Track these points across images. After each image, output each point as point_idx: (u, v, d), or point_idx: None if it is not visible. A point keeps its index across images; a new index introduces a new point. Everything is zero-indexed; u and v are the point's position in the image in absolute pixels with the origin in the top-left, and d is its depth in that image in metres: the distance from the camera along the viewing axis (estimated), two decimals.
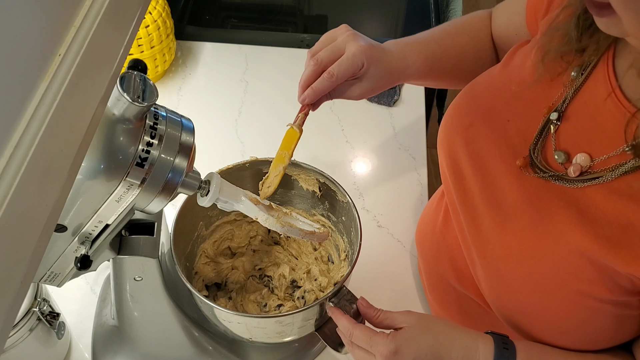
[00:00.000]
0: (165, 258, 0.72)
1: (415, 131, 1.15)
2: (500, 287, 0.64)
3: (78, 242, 0.59)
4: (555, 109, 0.59)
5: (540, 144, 0.60)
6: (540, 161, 0.59)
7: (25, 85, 0.32)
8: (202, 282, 0.83)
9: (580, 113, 0.58)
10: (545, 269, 0.58)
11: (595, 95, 0.57)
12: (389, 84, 0.74)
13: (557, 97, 0.60)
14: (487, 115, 0.67)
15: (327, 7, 1.57)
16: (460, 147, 0.68)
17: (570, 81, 0.59)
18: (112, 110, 0.51)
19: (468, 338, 0.60)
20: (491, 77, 0.70)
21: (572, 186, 0.57)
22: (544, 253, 0.58)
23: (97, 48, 0.38)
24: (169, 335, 0.77)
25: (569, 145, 0.58)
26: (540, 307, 0.61)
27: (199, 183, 0.60)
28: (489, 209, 0.64)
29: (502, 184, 0.63)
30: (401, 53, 0.74)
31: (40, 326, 0.71)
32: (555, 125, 0.59)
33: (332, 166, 1.05)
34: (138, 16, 0.45)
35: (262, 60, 1.29)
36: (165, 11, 1.16)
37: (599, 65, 0.57)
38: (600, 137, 0.55)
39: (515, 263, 0.61)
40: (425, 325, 0.61)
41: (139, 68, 0.54)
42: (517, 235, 0.61)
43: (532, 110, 0.62)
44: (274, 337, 0.72)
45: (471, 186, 0.67)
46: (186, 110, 0.65)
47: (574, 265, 0.55)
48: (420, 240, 0.90)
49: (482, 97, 0.69)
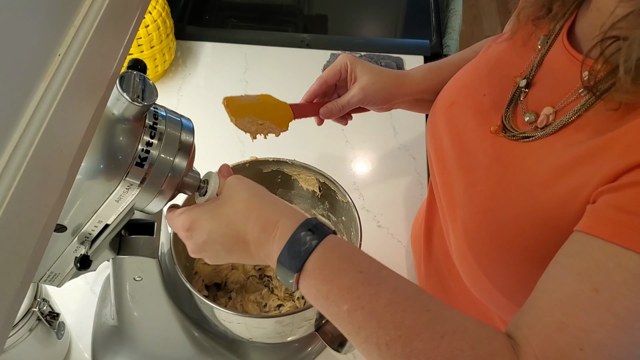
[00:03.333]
0: (165, 258, 0.72)
1: (415, 131, 1.15)
2: (466, 247, 0.65)
3: (78, 242, 0.59)
4: (524, 77, 0.64)
5: (511, 110, 0.64)
6: (511, 125, 0.63)
7: (24, 86, 0.32)
8: (202, 282, 0.83)
9: (544, 77, 0.63)
10: (507, 218, 0.59)
11: (556, 59, 0.62)
12: (387, 84, 0.77)
13: (527, 66, 0.65)
14: (466, 93, 0.71)
15: (327, 7, 1.57)
16: (443, 126, 0.72)
17: (537, 50, 0.64)
18: (111, 110, 0.51)
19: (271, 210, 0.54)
20: (473, 62, 0.75)
21: (537, 139, 0.59)
22: (507, 202, 0.59)
23: (97, 48, 0.38)
24: (168, 335, 0.77)
25: (536, 106, 0.62)
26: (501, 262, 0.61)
27: (199, 183, 0.60)
28: (461, 174, 0.67)
29: (475, 149, 0.66)
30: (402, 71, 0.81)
31: (40, 326, 0.71)
32: (524, 92, 0.64)
33: (332, 166, 1.05)
34: (138, 16, 0.45)
35: (262, 60, 1.29)
36: (165, 11, 1.16)
37: (561, 33, 0.62)
38: (561, 92, 0.59)
39: (480, 217, 0.63)
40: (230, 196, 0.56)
41: (139, 68, 0.54)
42: (484, 192, 0.63)
43: (505, 82, 0.66)
44: (274, 337, 0.72)
45: (449, 158, 0.70)
46: (186, 110, 0.65)
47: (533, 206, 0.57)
48: (413, 241, 0.91)
49: (463, 78, 0.74)
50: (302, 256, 0.50)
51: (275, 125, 0.70)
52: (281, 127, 0.71)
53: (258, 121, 0.69)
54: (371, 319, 0.47)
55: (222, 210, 0.55)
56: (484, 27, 2.84)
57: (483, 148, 0.65)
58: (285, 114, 0.72)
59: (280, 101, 0.73)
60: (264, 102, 0.71)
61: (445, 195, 0.71)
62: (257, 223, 0.53)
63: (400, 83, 0.78)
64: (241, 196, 0.55)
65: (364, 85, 0.75)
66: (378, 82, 0.76)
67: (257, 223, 0.53)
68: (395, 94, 0.78)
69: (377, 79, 0.76)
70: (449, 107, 0.72)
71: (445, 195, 0.71)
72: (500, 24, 2.85)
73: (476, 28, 2.83)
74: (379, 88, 0.76)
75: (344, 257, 0.50)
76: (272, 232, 0.52)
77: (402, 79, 0.78)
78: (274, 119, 0.70)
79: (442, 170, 0.72)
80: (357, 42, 1.37)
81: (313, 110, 0.76)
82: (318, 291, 0.50)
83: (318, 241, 0.50)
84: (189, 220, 0.56)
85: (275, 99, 0.73)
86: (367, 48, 1.31)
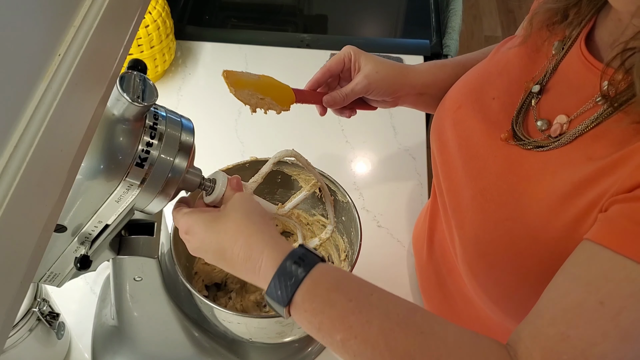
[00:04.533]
0: (165, 258, 0.72)
1: (415, 131, 1.15)
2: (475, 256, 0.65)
3: (78, 242, 0.59)
4: (537, 83, 0.62)
5: (522, 116, 0.63)
6: (522, 132, 0.62)
7: (25, 85, 0.32)
8: (202, 282, 0.83)
9: (559, 84, 0.61)
10: (520, 229, 0.58)
11: (571, 66, 0.60)
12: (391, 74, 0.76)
13: (539, 71, 0.63)
14: (474, 96, 0.69)
15: (327, 7, 1.57)
16: (449, 129, 0.71)
17: (552, 56, 0.62)
18: (111, 110, 0.51)
19: (258, 239, 0.54)
20: (482, 64, 0.73)
21: (552, 149, 0.58)
22: (521, 213, 0.59)
23: (97, 48, 0.38)
24: (168, 335, 0.77)
25: (550, 113, 0.60)
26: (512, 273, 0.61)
27: (200, 180, 0.60)
28: (469, 180, 0.66)
29: (484, 156, 0.65)
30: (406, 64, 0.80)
31: (40, 326, 0.71)
32: (536, 98, 0.62)
33: (332, 166, 1.05)
34: (138, 16, 0.45)
35: (262, 60, 1.29)
36: (165, 11, 1.16)
37: (577, 39, 0.60)
38: (576, 100, 0.58)
39: (492, 227, 0.62)
40: (226, 213, 0.56)
41: (139, 68, 0.54)
42: (495, 201, 0.62)
43: (516, 87, 0.64)
44: (274, 337, 0.72)
45: (455, 162, 0.69)
46: (186, 110, 0.65)
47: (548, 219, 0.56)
48: (414, 242, 0.91)
49: (472, 81, 0.72)
50: (290, 290, 0.50)
51: (276, 103, 0.70)
52: (282, 106, 0.70)
53: (259, 95, 0.68)
54: (365, 347, 0.47)
55: (215, 225, 0.56)
56: (484, 27, 2.84)
57: (493, 155, 0.64)
58: (287, 95, 0.72)
59: (282, 83, 0.72)
60: (265, 81, 0.71)
61: (451, 200, 0.70)
62: (243, 250, 0.53)
63: (404, 74, 0.77)
64: (234, 217, 0.55)
65: (368, 74, 0.75)
66: (382, 71, 0.75)
67: (242, 250, 0.53)
68: (399, 85, 0.77)
69: (381, 68, 0.75)
70: (456, 109, 0.71)
71: (451, 200, 0.70)
72: (501, 24, 2.85)
73: (476, 28, 2.83)
74: (383, 76, 0.75)
75: (332, 286, 0.50)
76: (257, 262, 0.52)
77: (406, 70, 0.78)
78: (276, 98, 0.70)
79: (447, 174, 0.71)
80: (357, 42, 1.36)
81: (316, 97, 0.76)
82: (310, 323, 0.50)
83: (305, 273, 0.50)
84: (187, 224, 0.57)
85: (277, 81, 0.72)
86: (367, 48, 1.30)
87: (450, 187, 0.70)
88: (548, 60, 0.63)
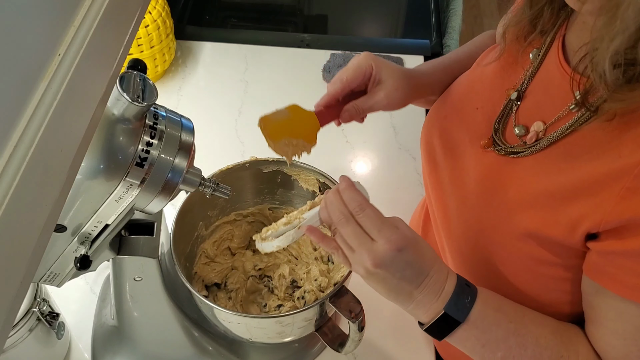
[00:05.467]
0: (165, 258, 0.72)
1: (415, 131, 1.14)
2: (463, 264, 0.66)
3: (78, 242, 0.59)
4: (516, 90, 0.63)
5: (502, 124, 0.64)
6: (501, 139, 0.63)
7: (25, 85, 0.32)
8: (202, 283, 0.83)
9: (536, 90, 0.62)
10: (501, 238, 0.61)
11: (549, 72, 0.61)
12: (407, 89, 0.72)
13: (519, 80, 0.64)
14: (459, 106, 0.70)
15: (327, 7, 1.57)
16: (436, 138, 0.72)
17: (530, 64, 0.63)
18: (111, 110, 0.51)
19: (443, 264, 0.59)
20: (467, 74, 0.74)
21: (526, 156, 0.59)
22: (499, 222, 0.60)
23: (97, 48, 0.38)
24: (168, 335, 0.77)
25: (527, 120, 0.61)
26: (498, 280, 0.63)
27: (200, 180, 0.60)
28: (454, 189, 0.67)
29: (467, 164, 0.66)
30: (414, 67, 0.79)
31: (40, 326, 0.71)
32: (516, 105, 0.63)
33: (332, 166, 1.05)
34: (138, 16, 0.45)
35: (262, 60, 1.29)
36: (165, 11, 1.16)
37: (553, 46, 0.61)
38: (552, 106, 0.59)
39: (473, 236, 0.64)
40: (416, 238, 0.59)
41: (139, 68, 0.54)
42: (475, 210, 0.64)
43: (498, 95, 0.65)
44: (274, 337, 0.72)
45: (442, 172, 0.70)
46: (186, 110, 0.65)
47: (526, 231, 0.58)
48: None
49: (458, 91, 0.73)
50: (468, 307, 0.56)
51: (306, 142, 0.70)
52: (311, 143, 0.70)
53: (293, 141, 0.68)
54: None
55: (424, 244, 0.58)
56: (484, 27, 2.84)
57: (474, 162, 0.65)
58: (313, 125, 0.70)
59: (307, 111, 0.69)
60: (294, 117, 0.69)
61: (440, 211, 0.70)
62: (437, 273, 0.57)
63: (418, 85, 0.74)
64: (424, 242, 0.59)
65: (389, 93, 0.70)
66: (400, 88, 0.70)
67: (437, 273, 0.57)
68: (412, 98, 0.74)
69: (400, 84, 0.71)
70: (442, 119, 0.72)
71: (439, 211, 0.71)
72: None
73: (476, 28, 2.83)
74: (401, 94, 0.71)
75: (497, 306, 0.58)
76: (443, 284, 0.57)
77: (418, 80, 0.74)
78: (305, 135, 0.69)
79: (435, 185, 0.72)
80: (357, 42, 1.37)
81: (334, 114, 0.72)
82: (477, 339, 0.57)
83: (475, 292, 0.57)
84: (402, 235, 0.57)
85: (302, 110, 0.69)
86: (367, 48, 1.31)
87: (438, 197, 0.71)
88: (527, 67, 0.63)
